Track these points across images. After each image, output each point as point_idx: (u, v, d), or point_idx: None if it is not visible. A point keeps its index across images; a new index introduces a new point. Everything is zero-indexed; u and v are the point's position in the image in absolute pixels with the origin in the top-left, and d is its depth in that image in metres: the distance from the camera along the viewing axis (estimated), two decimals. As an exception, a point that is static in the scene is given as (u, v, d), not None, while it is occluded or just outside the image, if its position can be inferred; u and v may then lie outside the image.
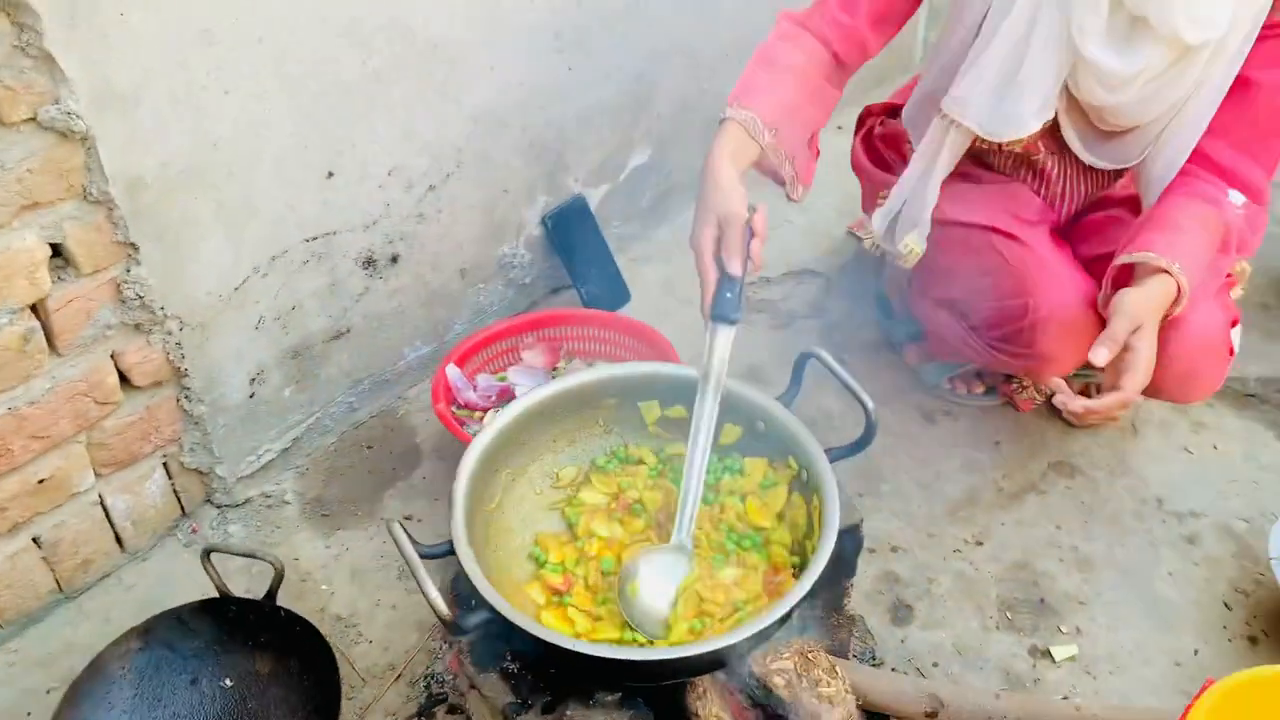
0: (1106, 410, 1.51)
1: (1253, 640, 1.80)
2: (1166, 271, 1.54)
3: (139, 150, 1.58)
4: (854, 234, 2.63)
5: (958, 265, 1.84)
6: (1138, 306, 1.52)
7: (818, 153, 1.77)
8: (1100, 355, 1.49)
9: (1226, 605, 1.85)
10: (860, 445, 1.48)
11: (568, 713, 1.34)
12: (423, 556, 1.36)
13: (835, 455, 1.48)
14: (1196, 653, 1.78)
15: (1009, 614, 1.85)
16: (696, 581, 1.43)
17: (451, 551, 1.37)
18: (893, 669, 1.76)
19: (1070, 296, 1.75)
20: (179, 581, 1.90)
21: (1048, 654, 1.78)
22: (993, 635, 1.82)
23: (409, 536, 1.32)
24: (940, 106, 1.72)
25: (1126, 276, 1.62)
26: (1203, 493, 2.05)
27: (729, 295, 1.45)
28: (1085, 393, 2.15)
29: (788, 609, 1.29)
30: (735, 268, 1.44)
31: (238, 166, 1.73)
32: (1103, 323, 1.73)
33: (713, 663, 1.33)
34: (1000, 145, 1.74)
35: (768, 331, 2.41)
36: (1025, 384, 2.16)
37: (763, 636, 1.31)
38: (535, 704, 1.38)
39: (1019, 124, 1.65)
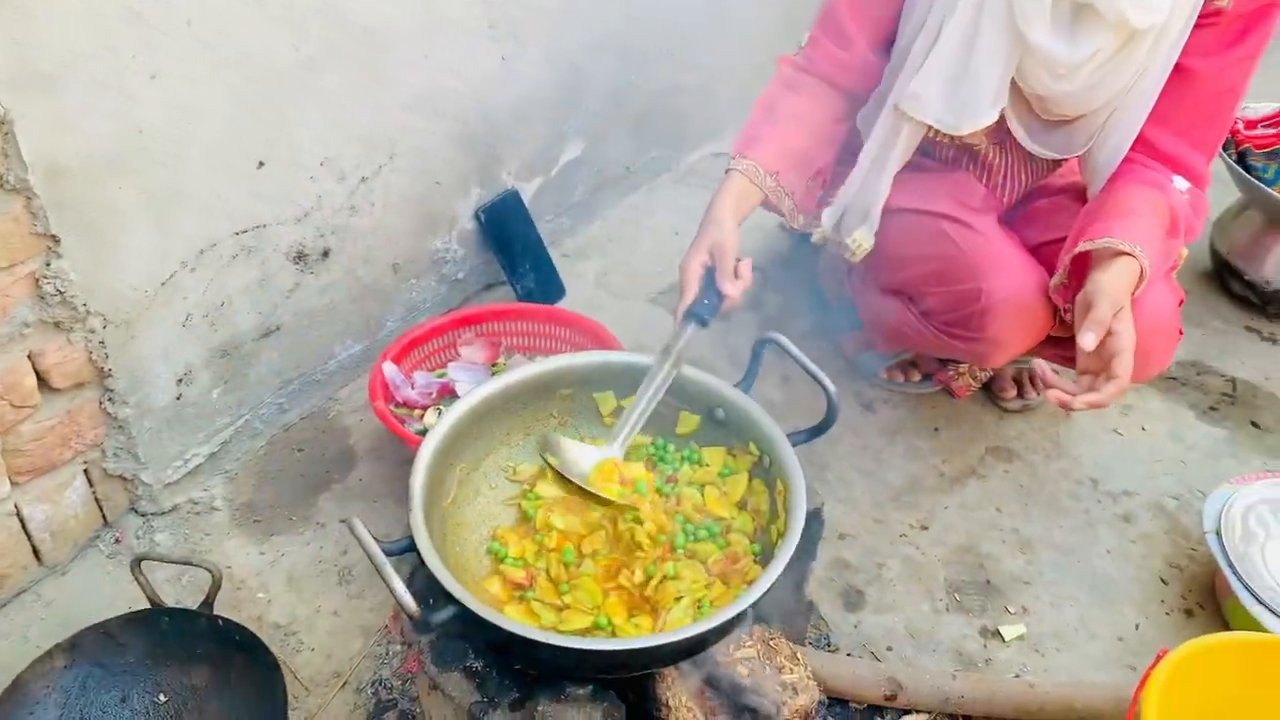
0: (1106, 401, 1.53)
1: (1189, 613, 1.86)
2: (1129, 255, 1.56)
3: (61, 135, 1.49)
4: (787, 227, 2.64)
5: (907, 252, 1.86)
6: (1115, 289, 1.54)
7: (824, 181, 1.85)
8: (1089, 340, 1.50)
9: (1163, 580, 1.91)
10: (822, 428, 1.48)
11: (538, 709, 1.30)
12: (387, 554, 1.31)
13: (796, 439, 1.47)
14: (1138, 627, 1.83)
15: (957, 596, 1.87)
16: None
17: (409, 548, 1.32)
18: (848, 654, 1.76)
19: (1021, 281, 1.77)
20: (103, 595, 1.80)
21: (997, 634, 1.81)
22: (943, 617, 1.83)
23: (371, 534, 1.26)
24: (894, 105, 1.73)
25: (1082, 265, 1.64)
26: (1134, 472, 2.11)
27: (707, 302, 1.54)
28: (1018, 380, 2.20)
29: (759, 594, 1.28)
30: (726, 287, 1.54)
31: (165, 154, 1.65)
32: (1053, 308, 1.77)
33: (683, 651, 1.31)
34: (951, 137, 1.76)
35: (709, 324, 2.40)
36: (961, 370, 2.20)
37: (734, 623, 1.29)
38: (502, 702, 1.33)
39: (976, 114, 1.67)
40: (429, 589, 1.32)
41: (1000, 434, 2.18)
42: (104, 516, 1.88)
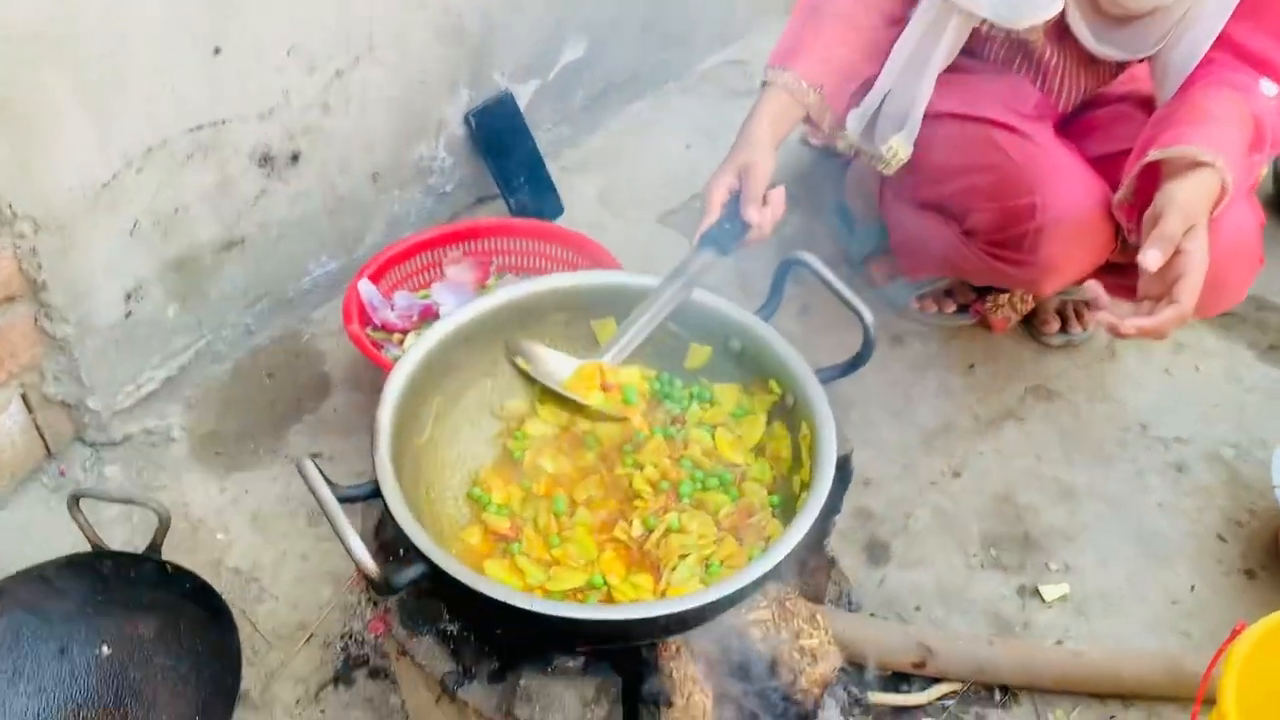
0: (1162, 328, 1.33)
1: (1250, 574, 1.68)
2: (1208, 165, 1.35)
3: (-29, 5, 1.28)
4: (809, 142, 2.41)
5: (951, 163, 1.65)
6: (1190, 203, 1.33)
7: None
8: (1152, 258, 1.30)
9: (1221, 537, 1.72)
10: (857, 363, 1.28)
11: (520, 682, 1.12)
12: (341, 500, 1.12)
13: (826, 376, 1.28)
14: (1193, 589, 1.65)
15: (993, 551, 1.69)
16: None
17: (376, 493, 1.13)
18: (872, 614, 1.59)
19: (1082, 196, 1.56)
20: (45, 533, 1.62)
21: (1037, 594, 1.64)
22: (977, 574, 1.66)
23: (324, 476, 1.07)
24: None
25: (1151, 178, 1.43)
26: (1187, 417, 1.91)
27: (728, 227, 1.40)
28: (1062, 313, 2.00)
29: (780, 558, 1.09)
30: (751, 214, 1.39)
31: (102, 35, 1.43)
32: (1115, 227, 1.56)
33: (688, 621, 1.12)
34: (1006, 32, 1.53)
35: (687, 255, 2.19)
36: (1000, 300, 1.99)
37: (750, 590, 1.11)
38: (480, 672, 1.15)
39: (1036, 5, 1.46)
40: (401, 541, 1.13)
41: (1041, 372, 1.98)
42: (47, 447, 1.70)
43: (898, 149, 1.63)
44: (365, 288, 1.79)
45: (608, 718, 1.11)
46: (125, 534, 1.64)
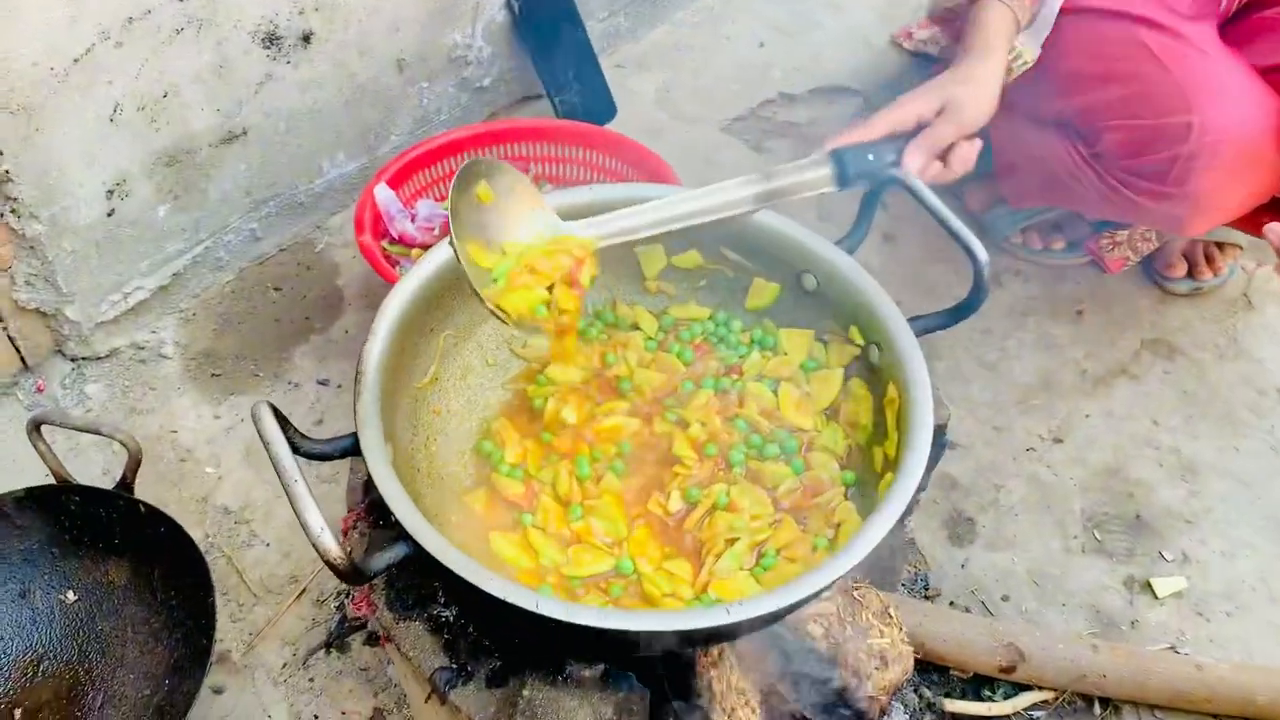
0: None
1: (1407, 576, 1.41)
2: None
3: None
4: (899, 44, 2.12)
5: (1086, 69, 1.39)
6: None
7: None
8: None
9: (1373, 530, 1.46)
10: (962, 312, 1.02)
11: (524, 692, 0.91)
12: (313, 457, 0.92)
13: (922, 326, 1.03)
14: (1339, 591, 1.40)
15: (1097, 534, 1.46)
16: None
17: (356, 450, 0.91)
18: (951, 603, 1.36)
19: (1251, 117, 1.30)
20: (17, 458, 1.46)
21: (1148, 587, 1.41)
22: (1077, 560, 1.42)
23: (285, 428, 0.85)
24: None
25: None
26: (1337, 384, 1.64)
27: (872, 158, 1.09)
28: (1189, 255, 1.71)
29: (857, 560, 0.85)
30: (914, 161, 1.09)
31: (63, -127, 1.19)
32: None
33: (743, 629, 0.90)
34: None
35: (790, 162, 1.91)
36: (1119, 238, 1.71)
37: (814, 599, 0.88)
38: (478, 672, 0.94)
39: None
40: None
41: (1161, 324, 1.72)
42: (22, 359, 1.52)
43: (1023, 51, 1.35)
44: (382, 193, 1.56)
45: (629, 743, 0.90)
46: (104, 460, 1.47)
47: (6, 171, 1.32)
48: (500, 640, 0.96)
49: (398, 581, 1.01)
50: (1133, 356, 1.67)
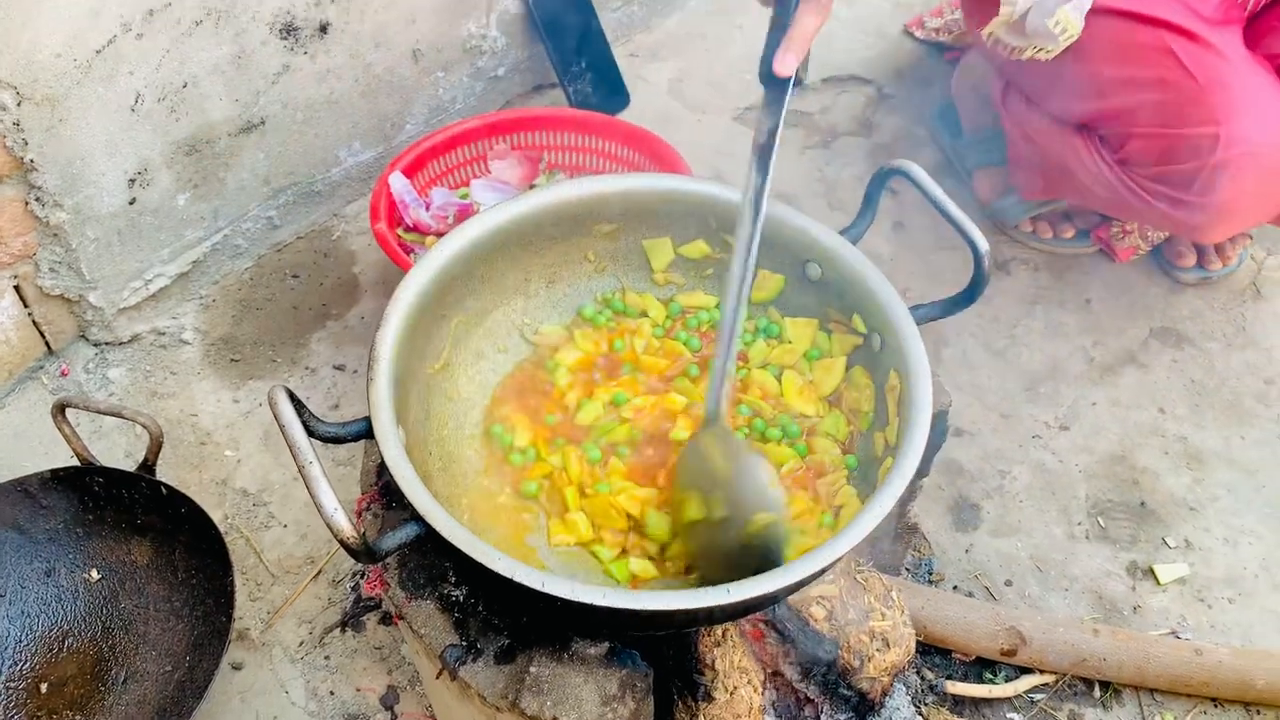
0: None
1: None
2: None
3: None
4: (911, 33, 2.12)
5: (1111, 73, 1.37)
6: None
7: None
8: None
9: (1377, 519, 1.47)
10: (963, 301, 1.04)
11: (531, 669, 0.93)
12: (327, 440, 0.95)
13: (923, 315, 1.04)
14: (1340, 579, 1.41)
15: (1101, 520, 1.47)
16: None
17: (369, 433, 0.94)
18: (954, 588, 1.38)
19: (1278, 130, 1.28)
20: (43, 439, 1.50)
21: (1151, 574, 1.41)
22: (1081, 547, 1.44)
23: (300, 411, 0.88)
24: None
25: None
26: (1344, 373, 1.64)
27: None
28: (1199, 245, 1.71)
29: (856, 541, 0.88)
30: (789, 64, 0.97)
31: None
32: None
33: (747, 609, 0.92)
34: None
35: (803, 152, 1.93)
36: (1129, 227, 1.71)
37: (823, 571, 0.90)
38: (487, 649, 0.97)
39: None
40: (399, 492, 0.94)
41: (1170, 312, 1.72)
42: (47, 344, 1.55)
43: (1069, 24, 1.33)
44: (397, 182, 1.58)
45: (633, 717, 0.92)
46: (127, 443, 1.50)
47: (31, 161, 1.35)
48: (508, 618, 0.98)
49: (409, 562, 1.04)
50: (1141, 345, 1.67)
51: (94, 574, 1.34)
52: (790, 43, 0.96)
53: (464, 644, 0.98)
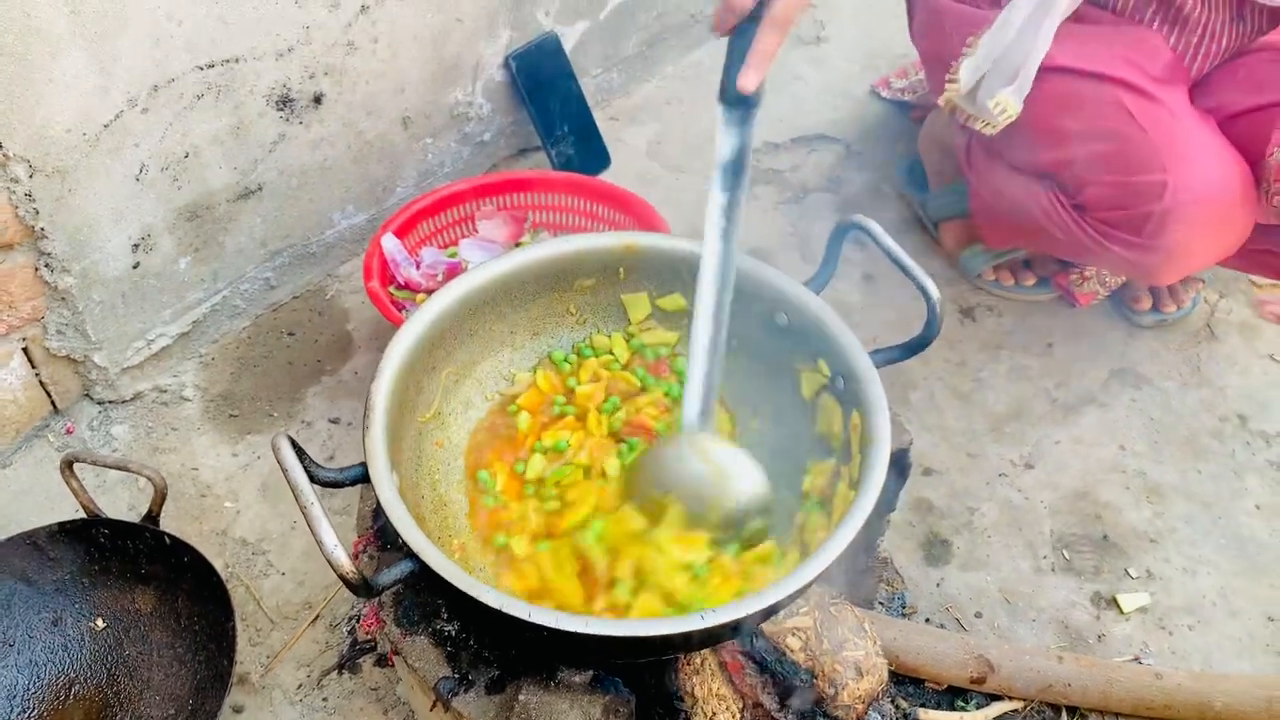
0: None
1: (1360, 591, 1.49)
2: None
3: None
4: (878, 93, 2.23)
5: (1068, 126, 1.46)
6: None
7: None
8: None
9: (1328, 547, 1.54)
10: (918, 345, 1.12)
11: (520, 697, 0.99)
12: (324, 484, 1.01)
13: (882, 359, 1.12)
14: (1294, 605, 1.47)
15: (1066, 553, 1.53)
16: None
17: (365, 478, 1.00)
18: (926, 620, 1.44)
19: (1220, 177, 1.39)
20: (50, 495, 1.54)
21: (1114, 603, 1.47)
22: (1047, 579, 1.49)
23: (301, 456, 0.94)
24: None
25: None
26: (1294, 409, 1.72)
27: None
28: (1155, 289, 1.80)
29: (820, 569, 0.94)
30: (751, 80, 1.01)
31: (96, -41, 1.31)
32: (1253, 214, 1.37)
33: (719, 635, 0.99)
34: None
35: (775, 207, 2.02)
36: (1088, 273, 1.80)
37: (791, 600, 0.96)
38: (478, 681, 1.03)
39: None
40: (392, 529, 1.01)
41: (1128, 354, 1.79)
42: (53, 403, 1.61)
43: (1007, 105, 1.44)
44: (389, 242, 1.66)
45: (616, 741, 0.98)
46: (130, 497, 1.55)
47: (42, 229, 1.42)
48: (498, 650, 1.04)
49: (404, 600, 1.10)
50: (1101, 385, 1.75)
51: (100, 622, 1.39)
52: (753, 59, 1.00)
53: (456, 676, 1.04)
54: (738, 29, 1.01)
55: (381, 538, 1.15)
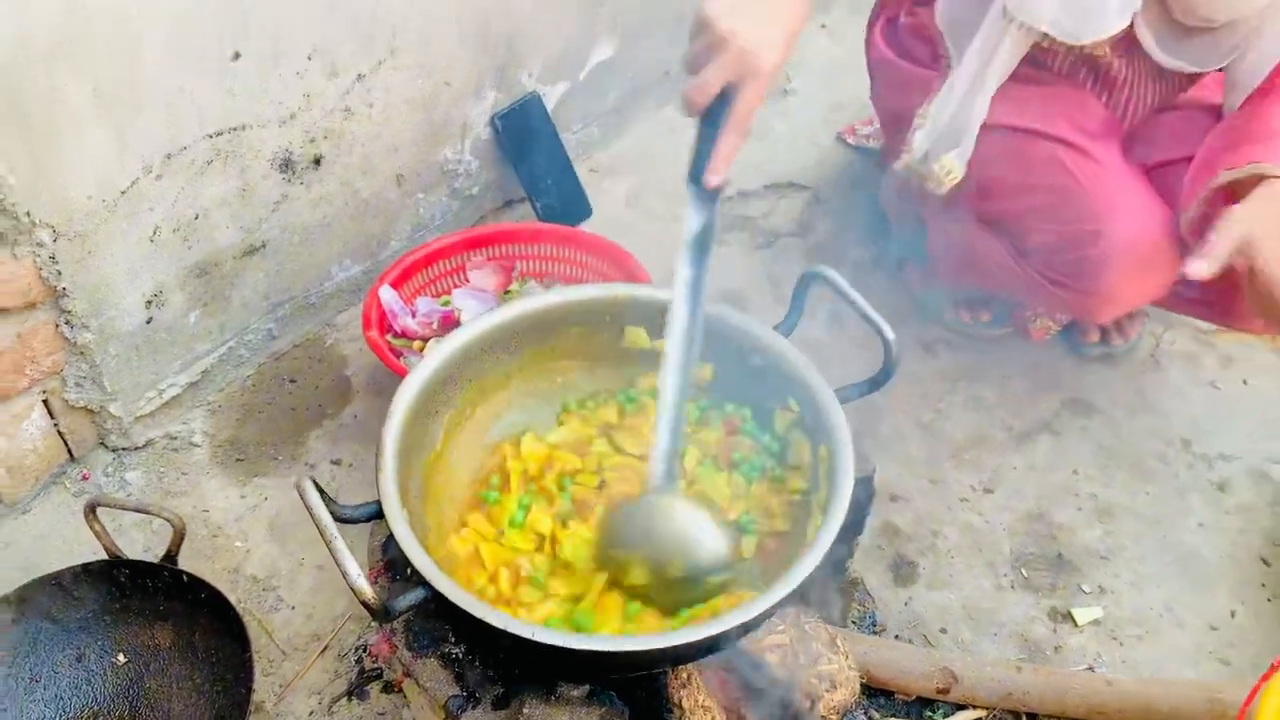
0: (1218, 255, 1.30)
1: (1294, 600, 1.61)
2: (1276, 179, 1.30)
3: (-14, 14, 1.27)
4: (844, 140, 2.36)
5: (1011, 179, 1.59)
6: (1253, 215, 1.29)
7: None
8: (1199, 268, 1.28)
9: (1264, 561, 1.65)
10: (878, 383, 1.24)
11: (524, 711, 1.09)
12: (343, 520, 1.11)
13: (845, 395, 1.23)
14: (1233, 615, 1.59)
15: (1024, 571, 1.64)
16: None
17: (380, 515, 1.10)
18: (896, 636, 1.54)
19: (1149, 227, 1.51)
20: (67, 539, 1.63)
21: (1069, 617, 1.58)
22: (1007, 596, 1.60)
23: (323, 496, 1.05)
24: (1001, 5, 1.45)
25: (1224, 199, 1.39)
26: (1233, 433, 1.84)
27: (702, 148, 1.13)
28: (1103, 326, 1.93)
29: (792, 587, 1.05)
30: (731, 148, 1.12)
31: (118, 40, 1.42)
32: (1179, 257, 1.51)
33: (701, 650, 1.09)
34: (1069, 46, 1.47)
35: (747, 252, 2.15)
36: (1039, 310, 1.92)
37: (765, 617, 1.07)
38: (484, 698, 1.13)
39: (1102, 19, 1.40)
40: (406, 563, 1.11)
41: (1079, 384, 1.92)
42: (69, 451, 1.70)
43: (951, 168, 1.57)
44: (386, 293, 1.77)
45: (612, 749, 1.08)
46: (145, 539, 1.64)
47: (63, 289, 1.52)
48: (502, 670, 1.14)
49: (414, 626, 1.20)
50: (1054, 414, 1.87)
51: (121, 658, 1.47)
52: (717, 162, 1.11)
53: (464, 694, 1.14)
54: (707, 112, 1.12)
55: (390, 569, 1.25)
